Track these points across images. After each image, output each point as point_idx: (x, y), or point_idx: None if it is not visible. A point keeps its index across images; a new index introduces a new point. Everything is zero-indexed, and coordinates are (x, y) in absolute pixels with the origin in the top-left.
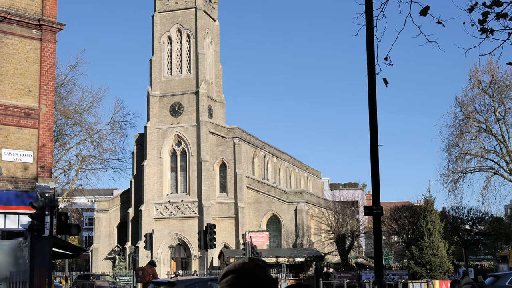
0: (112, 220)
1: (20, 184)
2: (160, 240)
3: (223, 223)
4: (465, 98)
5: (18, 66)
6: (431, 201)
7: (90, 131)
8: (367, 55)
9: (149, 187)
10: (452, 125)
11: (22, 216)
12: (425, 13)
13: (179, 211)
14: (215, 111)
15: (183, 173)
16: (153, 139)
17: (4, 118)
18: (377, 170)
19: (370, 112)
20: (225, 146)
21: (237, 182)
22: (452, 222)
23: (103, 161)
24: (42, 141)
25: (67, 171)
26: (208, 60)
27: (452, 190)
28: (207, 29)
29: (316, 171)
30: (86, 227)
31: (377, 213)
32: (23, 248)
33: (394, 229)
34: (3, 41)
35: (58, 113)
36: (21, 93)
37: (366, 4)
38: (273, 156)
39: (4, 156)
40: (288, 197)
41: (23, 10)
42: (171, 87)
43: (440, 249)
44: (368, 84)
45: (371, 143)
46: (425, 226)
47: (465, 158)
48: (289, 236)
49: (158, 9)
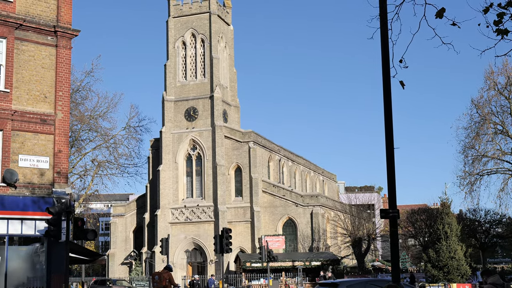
0: (128, 225)
1: (37, 190)
2: (176, 245)
3: (238, 227)
4: (481, 99)
5: (34, 72)
6: (448, 204)
7: (106, 137)
8: (382, 58)
9: (165, 192)
10: (468, 127)
11: (39, 221)
12: (441, 15)
13: (195, 216)
14: (230, 115)
15: (198, 177)
16: (169, 144)
17: (21, 124)
18: (393, 173)
19: (385, 115)
20: (240, 150)
21: (252, 186)
22: (469, 225)
23: (119, 166)
24: (58, 147)
25: (83, 176)
26: (222, 65)
27: (469, 192)
28: (221, 33)
29: (332, 174)
30: (102, 232)
31: (393, 216)
32: (40, 254)
33: (410, 232)
34: (19, 47)
35: (73, 119)
36: (37, 99)
37: (380, 7)
38: (288, 160)
39: (21, 162)
40: (304, 201)
41: (39, 17)
42: (185, 92)
43: (457, 252)
44: (384, 87)
45: (386, 145)
46: (442, 229)
47: (482, 160)
48: (305, 240)
49: (172, 14)
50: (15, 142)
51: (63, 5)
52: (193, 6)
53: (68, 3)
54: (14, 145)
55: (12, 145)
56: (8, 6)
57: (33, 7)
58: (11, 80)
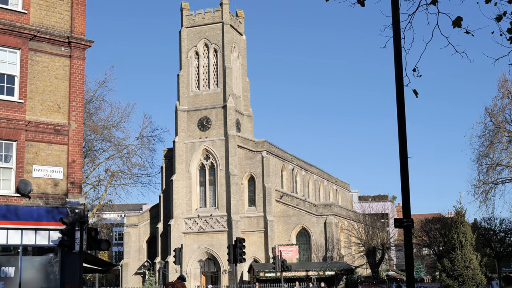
0: (142, 235)
1: (51, 200)
2: (189, 255)
3: (252, 237)
4: (495, 108)
5: (48, 83)
6: (462, 213)
7: (119, 147)
8: (395, 67)
9: (178, 202)
10: (482, 135)
11: (53, 232)
12: (459, 24)
13: (208, 225)
14: (243, 125)
15: (211, 187)
16: (182, 154)
17: (34, 134)
18: (407, 182)
19: (399, 124)
20: (253, 160)
21: (265, 196)
22: (484, 234)
23: (132, 176)
24: (72, 157)
25: (97, 186)
26: (235, 74)
27: (483, 201)
28: (234, 43)
29: (345, 183)
30: (115, 242)
31: (408, 225)
32: (54, 264)
33: (425, 242)
34: (33, 58)
35: (87, 129)
36: (51, 109)
37: (393, 16)
38: (302, 169)
39: (35, 173)
40: (317, 210)
41: (53, 28)
42: (199, 102)
43: (472, 261)
44: (397, 96)
45: (400, 154)
46: (456, 238)
47: (496, 169)
48: (318, 249)
49: (185, 24)
50: (29, 152)
51: (77, 16)
52: (206, 16)
53: (81, 14)
54: (28, 156)
55: (26, 156)
56: (22, 18)
57: (47, 18)
58: (25, 91)
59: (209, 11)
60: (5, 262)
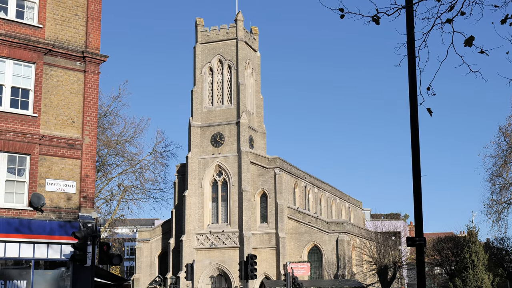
0: (153, 250)
1: (63, 214)
2: (201, 271)
3: (264, 253)
4: (509, 127)
5: (62, 97)
6: (475, 232)
7: (132, 162)
8: (409, 85)
9: (190, 217)
10: (495, 155)
11: (65, 246)
12: (470, 43)
13: (220, 242)
14: (256, 141)
15: (224, 203)
16: (194, 169)
17: (48, 148)
18: (420, 201)
19: (412, 142)
20: (266, 177)
21: (278, 213)
22: (497, 254)
23: (145, 191)
24: (85, 171)
25: (109, 201)
26: (249, 91)
27: (496, 221)
28: (248, 60)
29: (358, 201)
30: (127, 257)
31: (420, 244)
32: (65, 278)
33: (437, 261)
34: (47, 73)
35: (100, 143)
36: (65, 124)
37: (407, 35)
38: (314, 186)
39: (48, 187)
40: (330, 228)
41: (67, 43)
42: (212, 118)
43: (484, 281)
44: (411, 114)
45: (413, 173)
46: (468, 258)
47: (510, 189)
48: (330, 267)
49: (199, 41)
50: (42, 166)
51: (92, 31)
52: (221, 32)
53: (96, 29)
54: (41, 169)
55: (39, 169)
56: (37, 32)
57: (62, 32)
58: (39, 105)
59: (224, 27)
60: (17, 275)
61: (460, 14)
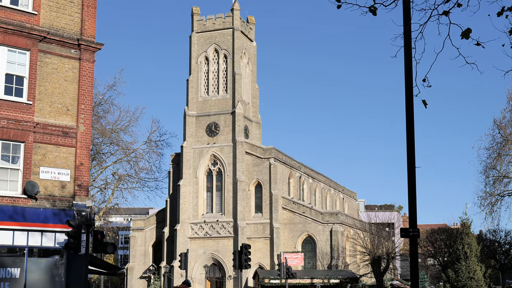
0: (148, 239)
1: (57, 202)
2: (195, 260)
3: (258, 243)
4: (503, 120)
5: (57, 85)
6: (468, 224)
7: (127, 150)
8: (405, 77)
9: (185, 207)
10: (490, 147)
11: (59, 234)
12: (467, 35)
13: (214, 231)
14: (251, 132)
15: (218, 193)
16: (189, 159)
17: (42, 136)
18: (414, 193)
19: (407, 134)
20: (260, 167)
21: (272, 203)
22: (489, 246)
23: (139, 180)
24: (79, 159)
25: (104, 189)
26: (244, 81)
27: (489, 213)
28: (244, 49)
29: (352, 192)
30: (121, 246)
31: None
32: (59, 266)
33: (430, 252)
34: (42, 60)
35: (95, 132)
36: (59, 112)
37: (404, 26)
38: (309, 177)
39: (42, 175)
40: (324, 218)
41: (62, 30)
42: (207, 107)
43: (476, 273)
44: (406, 106)
45: (408, 165)
46: (461, 249)
47: (503, 181)
48: (324, 257)
49: (195, 30)
50: (37, 154)
51: (87, 18)
52: (217, 21)
53: (92, 16)
54: (36, 157)
55: (33, 157)
56: (32, 19)
57: (57, 20)
58: (34, 92)
59: (220, 16)
60: (10, 263)
61: (457, 6)
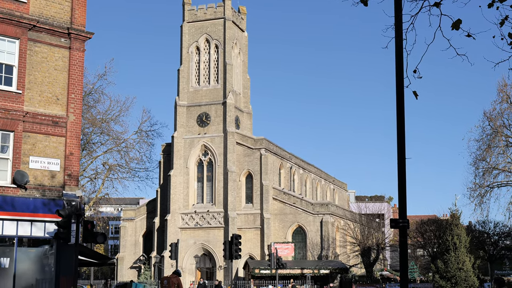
0: (138, 229)
1: (47, 192)
2: (185, 250)
3: (248, 233)
4: (493, 112)
5: (47, 74)
6: (457, 215)
7: (117, 140)
8: (396, 68)
9: (175, 197)
10: (480, 139)
11: (49, 224)
12: (457, 26)
13: (205, 221)
14: (242, 122)
15: (209, 183)
16: (180, 149)
17: (32, 126)
18: (404, 184)
19: (398, 125)
20: (251, 157)
21: (263, 193)
22: (478, 237)
23: (130, 170)
24: (69, 149)
25: (94, 179)
26: (236, 71)
27: (478, 204)
28: (235, 39)
29: (343, 183)
30: (111, 236)
31: (403, 226)
32: (49, 256)
33: (419, 243)
34: (32, 49)
35: (85, 121)
36: (49, 101)
37: (395, 17)
38: (300, 168)
39: (32, 164)
40: (314, 209)
41: (52, 19)
42: (198, 97)
43: (465, 264)
44: (397, 97)
45: (398, 156)
46: (451, 240)
47: (492, 173)
48: (314, 248)
49: (186, 19)
50: (26, 143)
51: (77, 7)
52: (208, 11)
53: (82, 5)
54: (25, 147)
55: (23, 147)
56: (21, 7)
57: (47, 8)
58: (23, 81)
59: (211, 6)
60: (0, 252)
61: None
